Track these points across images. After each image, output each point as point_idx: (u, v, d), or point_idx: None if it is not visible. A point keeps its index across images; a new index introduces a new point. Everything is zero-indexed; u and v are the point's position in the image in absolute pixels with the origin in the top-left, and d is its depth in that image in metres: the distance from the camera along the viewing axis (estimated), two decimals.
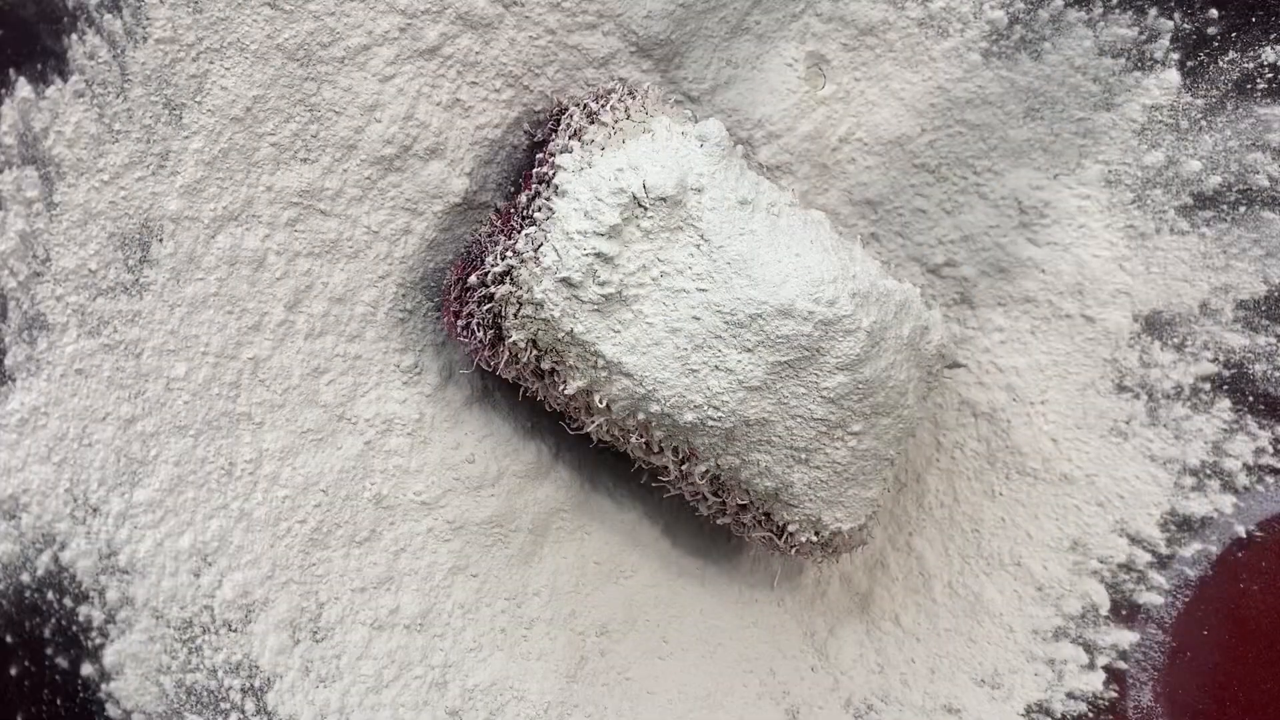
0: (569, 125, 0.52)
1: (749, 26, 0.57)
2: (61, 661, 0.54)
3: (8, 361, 0.53)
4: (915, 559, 0.62)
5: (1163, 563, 0.59)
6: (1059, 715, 0.61)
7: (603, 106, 0.53)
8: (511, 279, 0.50)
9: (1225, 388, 0.59)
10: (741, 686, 0.60)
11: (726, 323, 0.49)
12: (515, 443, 0.56)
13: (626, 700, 0.59)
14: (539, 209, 0.51)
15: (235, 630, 0.54)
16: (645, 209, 0.49)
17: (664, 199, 0.49)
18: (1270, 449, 0.58)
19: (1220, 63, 0.56)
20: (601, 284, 0.49)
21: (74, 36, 0.52)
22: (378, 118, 0.54)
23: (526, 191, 0.53)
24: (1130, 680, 0.60)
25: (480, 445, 0.56)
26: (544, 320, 0.50)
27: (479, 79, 0.55)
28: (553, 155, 0.52)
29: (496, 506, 0.56)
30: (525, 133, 0.57)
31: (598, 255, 0.49)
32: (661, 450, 0.53)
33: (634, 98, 0.54)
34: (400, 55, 0.54)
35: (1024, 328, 0.61)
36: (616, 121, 0.52)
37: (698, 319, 0.49)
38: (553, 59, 0.56)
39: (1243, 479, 0.59)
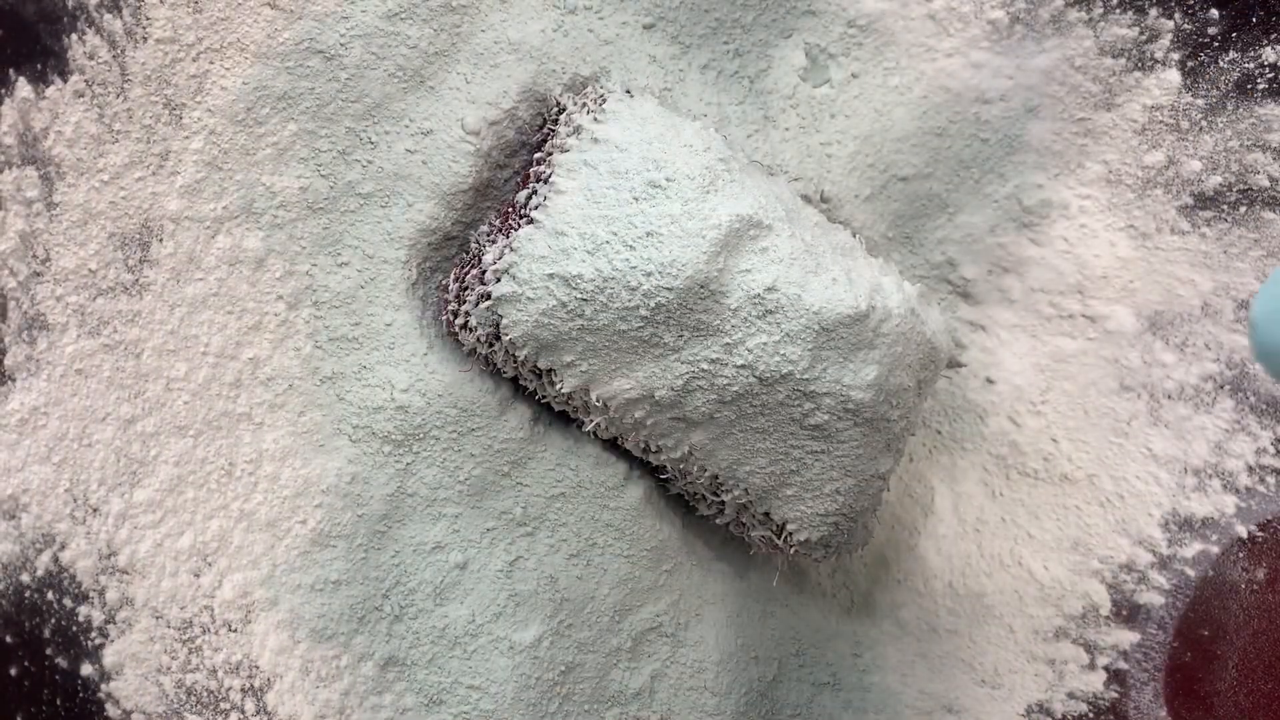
0: (568, 124, 0.52)
1: (750, 27, 0.57)
2: (61, 661, 0.54)
3: (8, 361, 0.53)
4: (916, 559, 0.62)
5: (1164, 563, 0.59)
6: (1059, 715, 0.61)
7: (601, 106, 0.52)
8: (510, 277, 0.50)
9: (1227, 387, 0.59)
10: (741, 688, 0.60)
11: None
12: (518, 444, 0.56)
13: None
14: (536, 207, 0.51)
15: (235, 630, 0.54)
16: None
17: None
18: (1271, 449, 0.58)
19: (1221, 63, 0.56)
20: None
21: (74, 36, 0.52)
22: (376, 117, 0.54)
23: (525, 190, 0.53)
24: (1131, 680, 0.60)
25: (482, 445, 0.56)
26: (541, 318, 0.50)
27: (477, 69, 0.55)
28: (550, 154, 0.52)
29: (502, 508, 0.56)
30: (526, 131, 0.57)
31: None
32: (660, 450, 0.53)
33: (632, 96, 0.54)
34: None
35: (1025, 328, 0.61)
36: (615, 122, 0.52)
37: None
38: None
39: (1244, 479, 0.59)
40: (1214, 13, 0.56)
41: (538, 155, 0.54)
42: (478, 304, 0.51)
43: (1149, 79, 0.57)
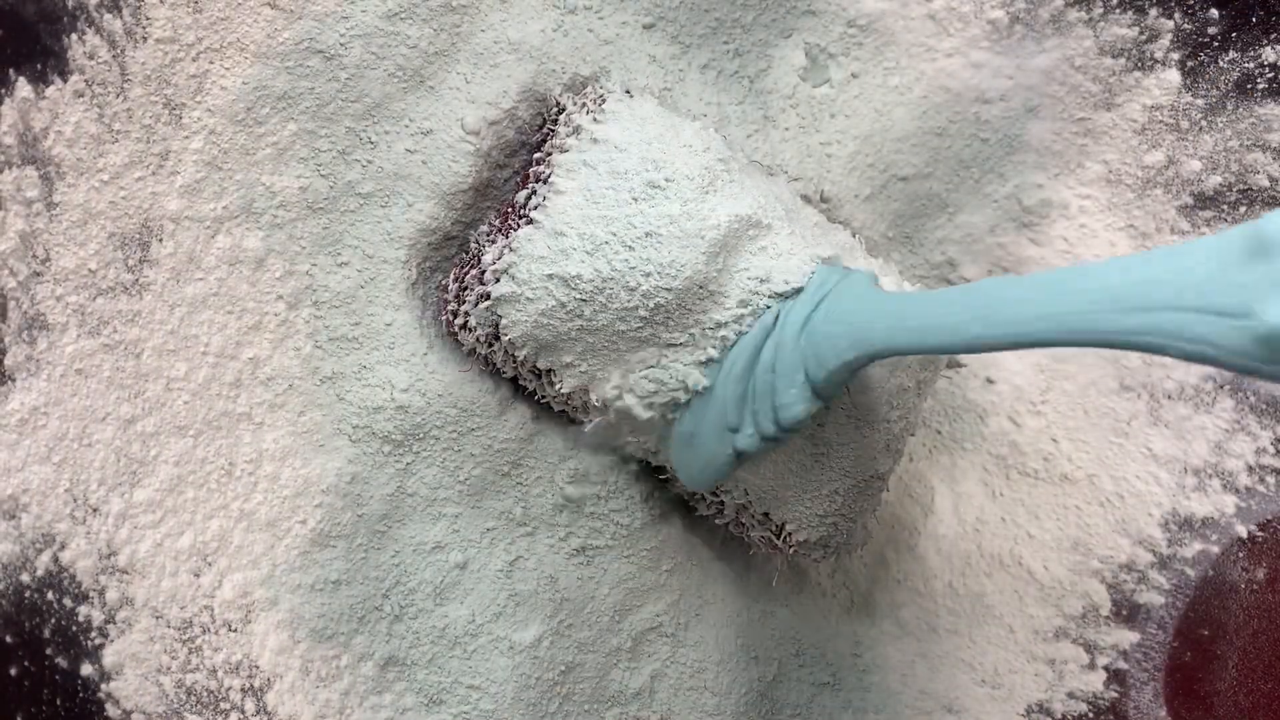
0: (567, 124, 0.53)
1: (750, 27, 0.57)
2: (61, 661, 0.54)
3: (8, 361, 0.53)
4: (916, 559, 0.62)
5: (1164, 563, 0.59)
6: (1059, 715, 0.61)
7: (600, 106, 0.53)
8: (509, 277, 0.50)
9: (1226, 387, 0.59)
10: (741, 688, 0.60)
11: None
12: (518, 444, 0.56)
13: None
14: (536, 207, 0.51)
15: (235, 630, 0.54)
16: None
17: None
18: (1271, 449, 0.58)
19: (1220, 62, 0.56)
20: None
21: (74, 36, 0.52)
22: (376, 117, 0.54)
23: (524, 190, 0.53)
24: (1131, 680, 0.60)
25: (482, 445, 0.56)
26: (541, 318, 0.50)
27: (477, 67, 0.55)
28: (550, 154, 0.52)
29: (502, 510, 0.56)
30: (526, 131, 0.57)
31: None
32: (658, 450, 0.53)
33: (632, 96, 0.54)
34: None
35: None
36: (615, 122, 0.52)
37: None
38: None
39: (1244, 479, 0.59)
40: (1214, 13, 0.56)
41: (537, 155, 0.54)
42: (477, 304, 0.51)
43: (1149, 79, 0.57)
